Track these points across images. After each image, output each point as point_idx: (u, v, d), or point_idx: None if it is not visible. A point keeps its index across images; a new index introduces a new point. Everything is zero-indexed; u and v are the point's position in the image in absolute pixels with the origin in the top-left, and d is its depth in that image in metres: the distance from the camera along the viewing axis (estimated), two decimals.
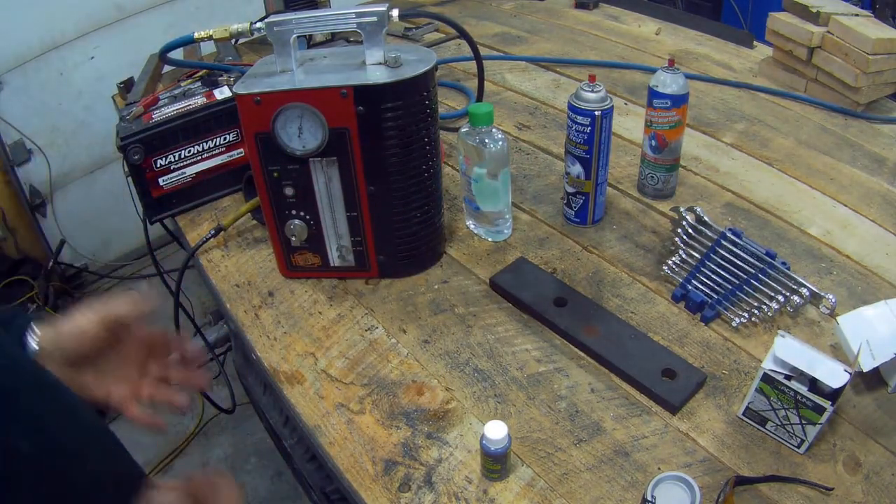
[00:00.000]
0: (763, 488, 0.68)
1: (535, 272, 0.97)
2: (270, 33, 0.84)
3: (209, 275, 1.04)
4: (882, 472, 0.69)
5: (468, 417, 0.78)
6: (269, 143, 0.85)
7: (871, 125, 1.29)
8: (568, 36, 1.75)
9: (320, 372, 0.86)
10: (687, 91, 1.00)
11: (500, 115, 1.38)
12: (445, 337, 0.89)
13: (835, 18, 1.27)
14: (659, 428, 0.75)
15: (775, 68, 1.45)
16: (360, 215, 0.92)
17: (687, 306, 0.91)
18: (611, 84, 1.48)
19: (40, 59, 2.29)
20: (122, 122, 1.12)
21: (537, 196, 1.15)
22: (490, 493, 0.70)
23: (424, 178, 0.92)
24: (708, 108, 1.38)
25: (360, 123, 0.84)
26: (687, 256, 0.96)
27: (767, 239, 1.01)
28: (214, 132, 1.14)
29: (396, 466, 0.74)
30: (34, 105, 2.34)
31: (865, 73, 1.23)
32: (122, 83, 1.53)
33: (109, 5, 2.35)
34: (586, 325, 0.87)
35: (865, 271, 0.95)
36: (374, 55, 0.85)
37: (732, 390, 0.79)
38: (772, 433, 0.73)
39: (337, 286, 0.99)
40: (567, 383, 0.81)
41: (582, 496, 0.69)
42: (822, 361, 0.67)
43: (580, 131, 0.96)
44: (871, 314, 0.78)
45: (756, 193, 1.12)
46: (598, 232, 1.06)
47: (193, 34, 0.98)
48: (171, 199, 1.16)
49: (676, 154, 1.07)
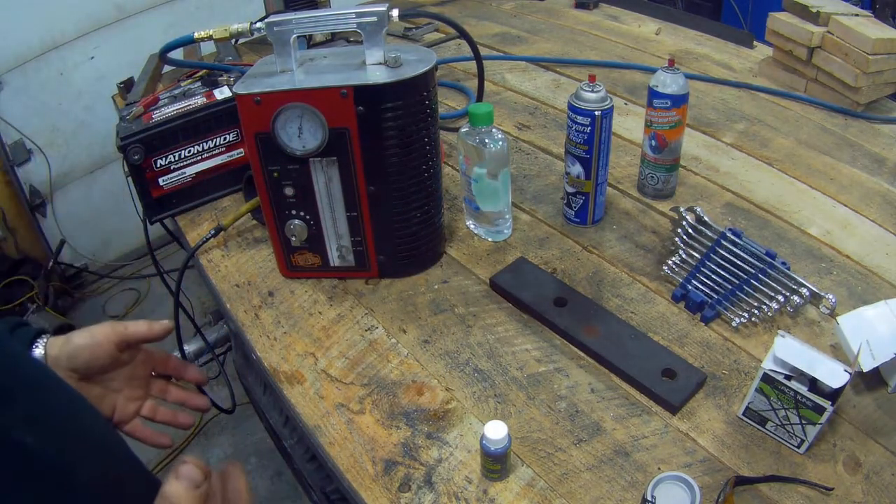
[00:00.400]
0: (763, 488, 0.68)
1: (535, 272, 0.97)
2: (270, 33, 0.84)
3: (209, 275, 1.04)
4: (882, 472, 0.69)
5: (468, 417, 0.78)
6: (269, 143, 0.85)
7: (871, 125, 1.29)
8: (568, 36, 1.75)
9: (320, 372, 0.86)
10: (687, 91, 1.00)
11: (500, 115, 1.38)
12: (445, 337, 0.89)
13: (835, 18, 1.27)
14: (659, 428, 0.75)
15: (775, 68, 1.45)
16: (360, 215, 0.92)
17: (687, 306, 0.91)
18: (611, 84, 1.48)
19: (40, 59, 2.29)
20: (122, 122, 1.12)
21: (537, 196, 1.15)
22: (490, 493, 0.70)
23: (424, 178, 0.92)
24: (708, 108, 1.38)
25: (360, 123, 0.84)
26: (687, 256, 0.96)
27: (767, 239, 1.01)
28: (214, 132, 1.14)
29: (396, 466, 0.74)
30: (34, 105, 2.34)
31: (865, 73, 1.23)
32: (122, 83, 1.53)
33: (109, 5, 2.35)
34: (586, 325, 0.87)
35: (865, 271, 0.95)
36: (374, 55, 0.85)
37: (732, 390, 0.79)
38: (772, 433, 0.73)
39: (337, 286, 0.99)
40: (567, 383, 0.81)
41: (582, 496, 0.69)
42: (822, 361, 0.67)
43: (580, 131, 0.96)
44: (871, 314, 0.78)
45: (756, 193, 1.12)
46: (598, 232, 1.06)
47: (193, 34, 0.98)
48: (171, 199, 1.16)
49: (676, 154, 1.07)
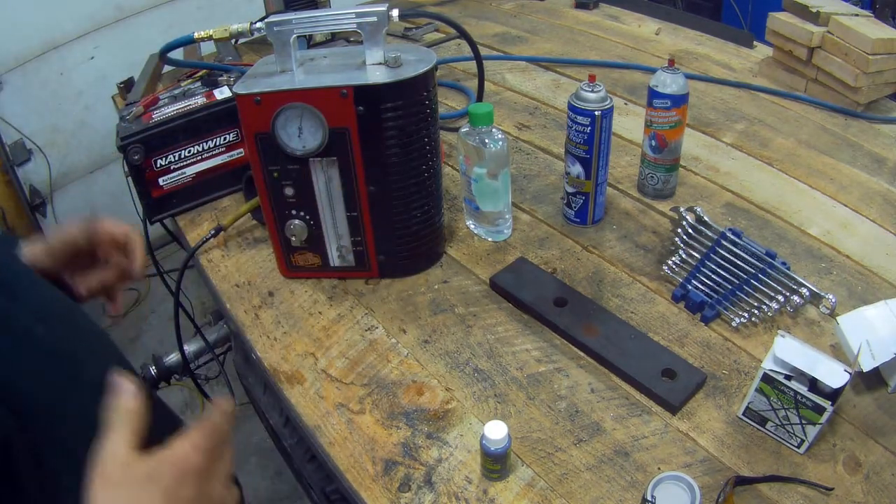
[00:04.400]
0: (763, 488, 0.68)
1: (535, 272, 0.97)
2: (270, 33, 0.84)
3: (209, 275, 1.04)
4: (882, 472, 0.69)
5: (468, 417, 0.78)
6: (269, 143, 0.85)
7: (871, 125, 1.29)
8: (568, 36, 1.75)
9: (320, 372, 0.86)
10: (687, 91, 1.00)
11: (500, 115, 1.38)
12: (445, 337, 0.89)
13: (835, 18, 1.27)
14: (659, 428, 0.75)
15: (775, 68, 1.45)
16: (360, 215, 0.92)
17: (687, 306, 0.91)
18: (611, 84, 1.48)
19: (40, 59, 2.29)
20: (122, 122, 1.12)
21: (537, 196, 1.15)
22: (490, 493, 0.70)
23: (424, 178, 0.92)
24: (708, 108, 1.38)
25: (360, 123, 0.84)
26: (687, 256, 0.96)
27: (767, 239, 1.01)
28: (214, 132, 1.14)
29: (396, 466, 0.74)
30: (34, 105, 2.34)
31: (865, 73, 1.23)
32: (122, 83, 1.53)
33: (109, 5, 2.35)
34: (586, 325, 0.87)
35: (865, 271, 0.95)
36: (374, 55, 0.85)
37: (732, 390, 0.79)
38: (772, 433, 0.73)
39: (337, 286, 0.99)
40: (567, 383, 0.81)
41: (582, 496, 0.69)
42: (822, 361, 0.67)
43: (580, 131, 0.96)
44: (871, 314, 0.78)
45: (756, 193, 1.12)
46: (598, 232, 1.06)
47: (193, 34, 0.98)
48: (171, 199, 1.16)
49: (676, 154, 1.07)
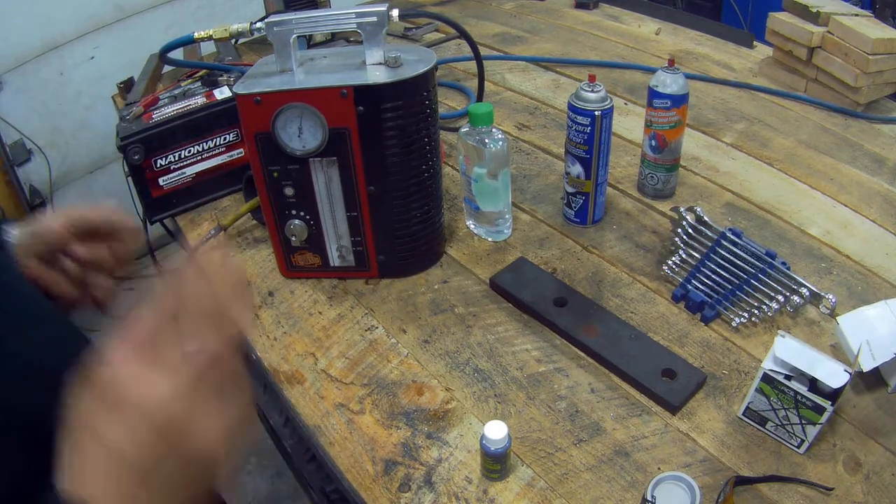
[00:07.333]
0: (763, 488, 0.68)
1: (535, 272, 0.97)
2: (270, 33, 0.84)
3: None
4: (882, 472, 0.69)
5: (468, 417, 0.78)
6: (269, 143, 0.85)
7: (871, 125, 1.29)
8: (568, 36, 1.75)
9: (320, 372, 0.86)
10: (687, 91, 1.00)
11: (500, 115, 1.38)
12: (445, 337, 0.89)
13: (835, 18, 1.27)
14: (659, 428, 0.75)
15: (775, 68, 1.45)
16: (360, 215, 0.92)
17: (687, 306, 0.91)
18: (611, 84, 1.48)
19: (40, 59, 2.29)
20: (122, 122, 1.12)
21: (537, 196, 1.15)
22: (490, 493, 0.70)
23: (424, 178, 0.92)
24: (708, 108, 1.38)
25: (360, 123, 0.84)
26: (687, 256, 0.96)
27: (767, 239, 1.01)
28: (214, 132, 1.14)
29: (396, 466, 0.74)
30: (34, 105, 2.34)
31: (865, 73, 1.23)
32: (122, 83, 1.53)
33: (109, 5, 2.35)
34: (586, 325, 0.87)
35: (865, 271, 0.95)
36: (374, 55, 0.85)
37: (732, 390, 0.79)
38: (772, 433, 0.73)
39: (337, 286, 0.99)
40: (567, 383, 0.81)
41: (582, 496, 0.69)
42: (822, 361, 0.67)
43: (580, 131, 0.96)
44: (871, 314, 0.78)
45: (756, 193, 1.12)
46: (598, 232, 1.06)
47: (193, 34, 0.98)
48: (171, 199, 1.16)
49: (676, 154, 1.07)
